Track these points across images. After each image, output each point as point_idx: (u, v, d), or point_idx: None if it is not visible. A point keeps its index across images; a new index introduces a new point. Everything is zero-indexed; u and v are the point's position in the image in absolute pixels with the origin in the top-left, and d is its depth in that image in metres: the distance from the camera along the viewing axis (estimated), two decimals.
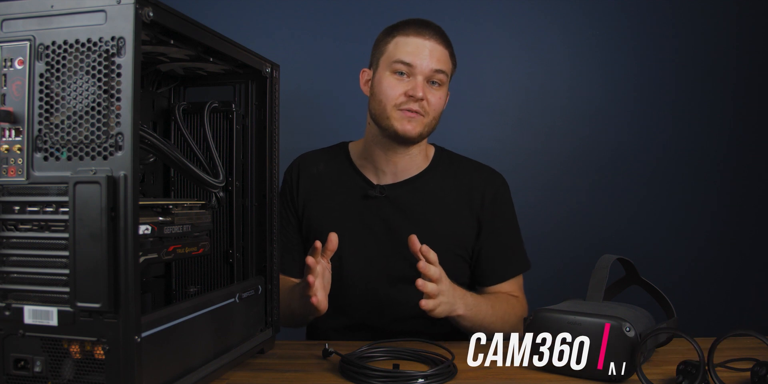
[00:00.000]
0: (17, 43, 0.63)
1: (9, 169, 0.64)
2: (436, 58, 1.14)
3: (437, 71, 1.14)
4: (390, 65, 1.14)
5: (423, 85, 1.13)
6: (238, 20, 1.97)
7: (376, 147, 1.21)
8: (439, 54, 1.15)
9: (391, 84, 1.14)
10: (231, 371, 0.84)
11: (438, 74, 1.14)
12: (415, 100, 1.12)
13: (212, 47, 0.79)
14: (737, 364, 0.84)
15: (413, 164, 1.23)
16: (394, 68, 1.14)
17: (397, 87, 1.13)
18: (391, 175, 1.23)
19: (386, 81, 1.15)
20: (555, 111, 2.02)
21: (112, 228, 0.59)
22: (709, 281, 1.98)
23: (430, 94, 1.14)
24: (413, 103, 1.13)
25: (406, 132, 1.14)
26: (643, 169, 2.00)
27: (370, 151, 1.23)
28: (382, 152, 1.21)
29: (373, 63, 1.21)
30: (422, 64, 1.13)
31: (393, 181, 1.23)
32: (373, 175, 1.24)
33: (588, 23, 2.01)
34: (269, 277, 0.96)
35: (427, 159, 1.26)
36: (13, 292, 0.64)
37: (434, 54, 1.14)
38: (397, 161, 1.22)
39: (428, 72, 1.13)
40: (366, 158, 1.24)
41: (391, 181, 1.23)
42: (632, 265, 0.97)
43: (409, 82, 1.13)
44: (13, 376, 0.63)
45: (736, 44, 1.99)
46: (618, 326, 0.78)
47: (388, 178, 1.23)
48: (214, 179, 0.87)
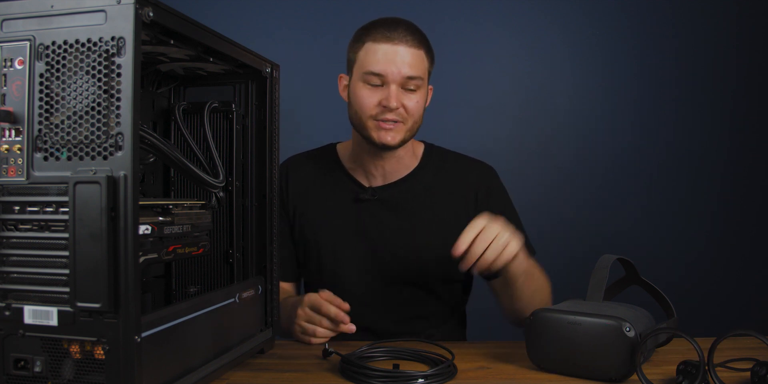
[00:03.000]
0: (17, 43, 0.63)
1: (9, 169, 0.64)
2: (407, 64, 1.09)
3: (410, 78, 1.10)
4: (362, 76, 1.12)
5: (397, 93, 1.10)
6: (238, 20, 1.97)
7: (363, 152, 1.20)
8: (411, 59, 1.10)
9: (365, 94, 1.11)
10: (231, 371, 0.84)
11: (412, 80, 1.10)
12: (390, 109, 1.10)
13: (212, 47, 0.79)
14: (737, 364, 0.84)
15: (402, 165, 1.23)
16: (365, 79, 1.11)
17: (372, 97, 1.11)
18: (381, 178, 1.22)
19: (360, 92, 1.12)
20: (555, 111, 2.02)
21: (112, 228, 0.59)
22: (709, 281, 1.98)
23: (407, 100, 1.11)
24: (389, 113, 1.10)
25: (385, 143, 1.12)
26: (643, 169, 2.01)
27: (358, 155, 1.22)
28: (369, 157, 1.20)
29: (348, 68, 1.18)
30: (393, 73, 1.09)
31: (383, 182, 1.22)
32: (364, 178, 1.23)
33: (588, 23, 2.01)
34: (269, 277, 0.96)
35: (416, 158, 1.25)
36: (13, 292, 0.64)
37: (405, 60, 1.09)
38: (384, 164, 1.21)
39: (400, 80, 1.09)
40: (355, 161, 1.23)
41: (381, 183, 1.22)
42: (632, 265, 0.97)
43: (383, 91, 1.10)
44: (13, 376, 0.63)
45: (736, 44, 1.99)
46: (618, 326, 0.78)
47: (378, 180, 1.22)
48: (214, 179, 0.87)
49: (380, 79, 1.10)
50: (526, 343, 0.86)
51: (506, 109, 2.02)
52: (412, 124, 1.14)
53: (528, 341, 0.86)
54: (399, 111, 1.11)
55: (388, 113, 1.11)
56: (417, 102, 1.13)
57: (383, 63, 1.09)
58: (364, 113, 1.12)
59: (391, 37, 1.10)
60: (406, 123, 1.13)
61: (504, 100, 2.02)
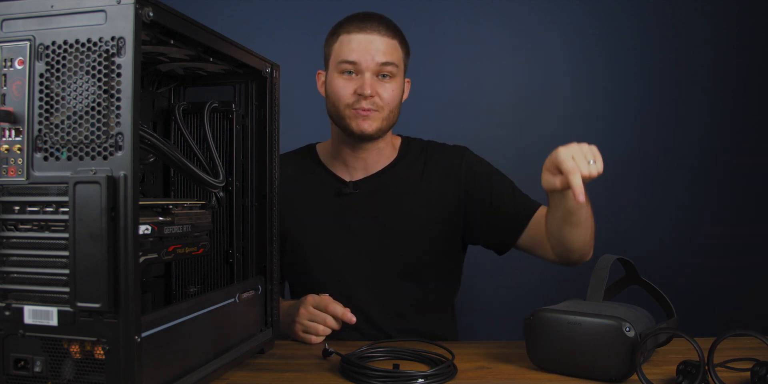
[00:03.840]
0: (17, 43, 0.63)
1: (9, 169, 0.64)
2: (381, 51, 1.13)
3: (384, 64, 1.13)
4: (337, 66, 1.15)
5: (372, 81, 1.13)
6: (238, 20, 1.97)
7: (343, 145, 1.22)
8: (384, 46, 1.14)
9: (340, 84, 1.14)
10: (231, 371, 0.84)
11: (386, 67, 1.13)
12: (364, 97, 1.12)
13: (212, 47, 0.79)
14: (737, 364, 0.84)
15: (382, 157, 1.24)
16: (340, 68, 1.14)
17: (347, 86, 1.14)
18: (362, 170, 1.23)
19: (335, 82, 1.15)
20: (555, 111, 2.02)
21: (112, 228, 0.59)
22: (709, 281, 1.98)
23: (381, 89, 1.14)
24: (364, 101, 1.13)
25: (362, 130, 1.14)
26: (643, 169, 2.00)
27: (338, 150, 1.23)
28: (350, 149, 1.21)
29: (325, 63, 1.21)
30: (367, 60, 1.12)
31: (365, 175, 1.23)
32: (345, 173, 1.24)
33: (588, 23, 2.01)
34: (269, 277, 0.96)
35: (395, 149, 1.27)
36: (13, 292, 0.64)
37: (379, 47, 1.13)
38: (365, 157, 1.22)
39: (375, 67, 1.13)
40: (335, 157, 1.25)
41: (363, 176, 1.23)
42: (632, 265, 0.97)
43: (357, 79, 1.13)
44: (13, 376, 0.63)
45: (736, 44, 1.99)
46: (618, 326, 0.78)
47: (359, 173, 1.23)
48: (214, 179, 0.87)
49: (354, 68, 1.13)
50: (526, 343, 0.86)
51: (506, 109, 2.02)
52: (389, 113, 1.16)
53: (528, 341, 0.86)
54: (374, 99, 1.13)
55: (363, 101, 1.13)
56: (393, 90, 1.15)
57: (357, 51, 1.13)
58: (341, 102, 1.14)
59: (364, 28, 1.14)
60: (382, 112, 1.15)
61: (504, 100, 2.02)
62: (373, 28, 1.14)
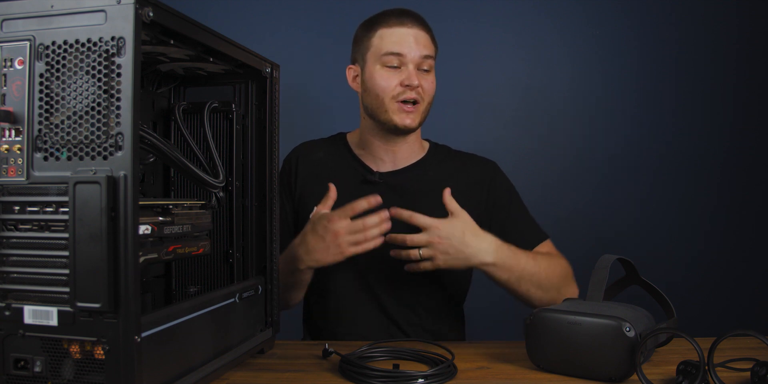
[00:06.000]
0: (17, 43, 0.63)
1: (9, 169, 0.64)
2: (422, 44, 1.16)
3: (426, 57, 1.17)
4: (379, 58, 1.16)
5: (415, 72, 1.15)
6: (238, 20, 1.97)
7: (374, 138, 1.23)
8: (424, 40, 1.17)
9: (385, 76, 1.16)
10: (231, 371, 0.84)
11: (427, 60, 1.17)
12: (411, 88, 1.14)
13: (212, 47, 0.79)
14: (737, 364, 0.84)
15: (411, 152, 1.26)
16: (384, 61, 1.16)
17: (392, 78, 1.15)
18: (391, 163, 1.24)
19: (379, 74, 1.16)
20: (555, 111, 2.02)
21: (112, 228, 0.59)
22: (709, 281, 1.98)
23: (423, 81, 1.17)
24: (410, 92, 1.15)
25: (406, 125, 1.17)
26: (643, 169, 2.01)
27: (367, 143, 1.25)
28: (381, 143, 1.23)
29: (358, 59, 1.22)
30: (411, 53, 1.15)
31: (393, 168, 1.24)
32: (373, 163, 1.25)
33: (588, 23, 2.01)
34: (269, 277, 0.96)
35: (423, 149, 1.29)
36: (13, 292, 0.64)
37: (420, 40, 1.16)
38: (396, 150, 1.23)
39: (418, 59, 1.15)
40: (364, 149, 1.26)
41: (391, 169, 1.24)
42: (632, 265, 0.97)
43: (402, 71, 1.15)
44: (13, 376, 0.63)
45: (736, 44, 1.99)
46: (618, 326, 0.78)
47: (387, 165, 1.24)
48: (214, 179, 0.87)
49: (399, 60, 1.15)
50: (526, 343, 0.86)
51: (506, 108, 2.02)
52: (427, 105, 1.19)
53: (528, 341, 0.86)
54: (418, 90, 1.16)
55: (410, 92, 1.15)
56: (432, 83, 1.19)
57: (400, 44, 1.15)
58: (387, 95, 1.15)
59: (404, 22, 1.17)
60: (422, 103, 1.18)
61: (504, 99, 2.02)
62: (411, 22, 1.17)
